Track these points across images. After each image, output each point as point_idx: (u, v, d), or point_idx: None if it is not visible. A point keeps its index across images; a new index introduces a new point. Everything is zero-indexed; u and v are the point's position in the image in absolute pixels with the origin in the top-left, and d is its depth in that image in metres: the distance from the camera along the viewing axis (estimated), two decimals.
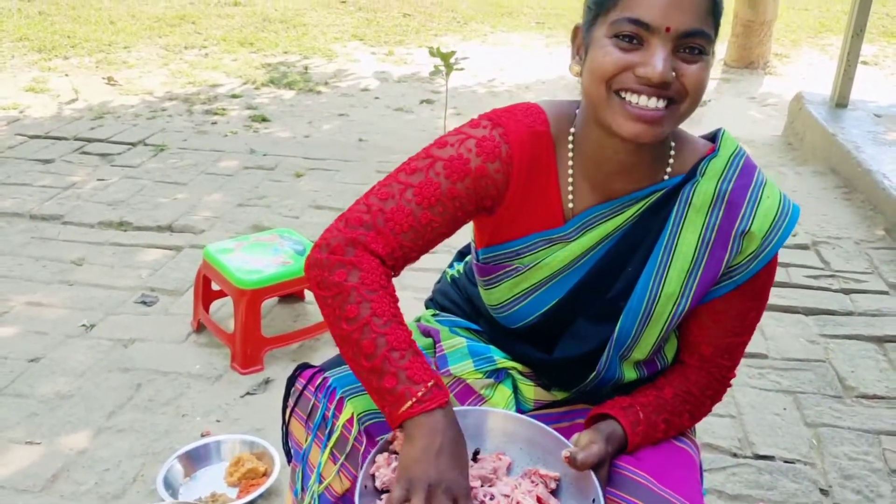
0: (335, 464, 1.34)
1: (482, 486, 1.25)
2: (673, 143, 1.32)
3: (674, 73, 1.16)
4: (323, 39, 8.04)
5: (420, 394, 1.18)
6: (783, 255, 3.48)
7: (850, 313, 3.07)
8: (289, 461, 1.48)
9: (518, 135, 1.30)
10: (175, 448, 2.18)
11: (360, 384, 1.38)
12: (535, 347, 1.42)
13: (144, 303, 3.03)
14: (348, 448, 1.34)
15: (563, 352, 1.39)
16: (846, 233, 3.74)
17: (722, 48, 7.65)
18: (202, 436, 2.25)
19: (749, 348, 2.72)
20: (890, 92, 6.34)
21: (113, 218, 3.76)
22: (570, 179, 1.32)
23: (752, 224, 1.27)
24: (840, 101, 5.03)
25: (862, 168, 4.16)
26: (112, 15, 8.52)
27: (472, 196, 1.29)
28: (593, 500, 1.20)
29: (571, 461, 1.22)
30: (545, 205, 1.32)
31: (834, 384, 2.64)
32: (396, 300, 1.26)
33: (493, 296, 1.40)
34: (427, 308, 1.63)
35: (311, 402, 1.39)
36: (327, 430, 1.35)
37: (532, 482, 1.26)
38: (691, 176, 1.30)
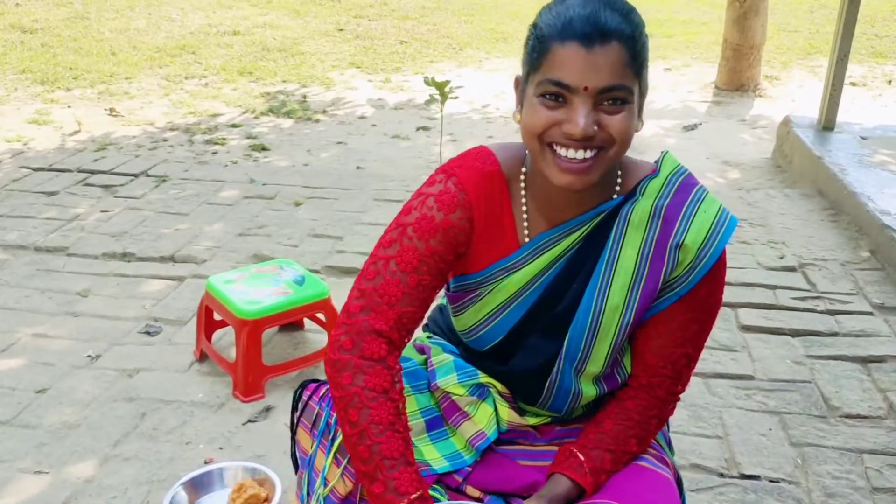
0: (339, 467, 1.45)
1: None
2: (619, 171, 1.43)
3: (597, 126, 1.27)
4: (321, 67, 8.17)
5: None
6: (771, 278, 3.57)
7: (835, 334, 3.15)
8: (296, 471, 1.58)
9: (470, 180, 1.41)
10: (179, 475, 2.26)
11: None
12: (496, 361, 1.52)
13: (148, 333, 3.11)
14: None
15: (519, 364, 1.49)
16: (832, 254, 3.83)
17: (712, 71, 7.78)
18: (205, 463, 2.32)
19: (736, 370, 2.87)
20: (877, 113, 6.46)
21: (117, 249, 3.85)
22: (524, 210, 1.43)
23: (685, 237, 1.36)
24: (826, 125, 5.14)
25: (847, 190, 4.26)
26: (113, 46, 8.65)
27: (448, 247, 1.41)
28: None
29: None
30: (502, 236, 1.44)
31: (819, 404, 2.71)
32: (397, 403, 1.36)
33: (461, 321, 1.52)
34: (424, 332, 1.73)
35: (316, 411, 1.52)
36: (331, 436, 1.46)
37: None
38: (631, 195, 1.41)
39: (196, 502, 2.18)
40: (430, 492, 1.44)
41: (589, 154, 1.28)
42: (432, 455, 1.50)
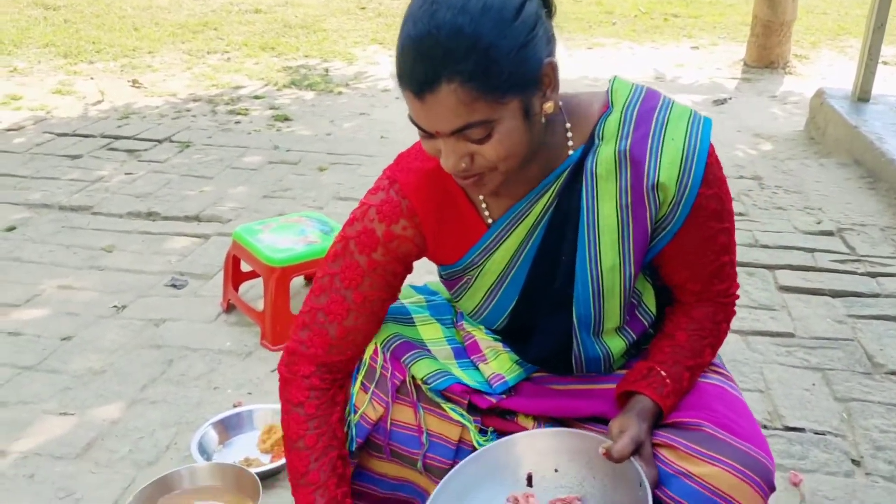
0: (366, 393, 1.39)
1: None
2: (568, 123, 1.28)
3: (470, 159, 1.16)
4: (343, 43, 8.11)
5: None
6: (808, 242, 3.48)
7: (876, 295, 3.05)
8: None
9: (411, 184, 1.32)
10: (207, 418, 2.20)
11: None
12: (516, 346, 1.46)
13: (174, 286, 3.07)
14: (377, 376, 1.40)
15: (535, 351, 1.42)
16: (871, 220, 3.73)
17: (740, 50, 7.65)
18: (234, 406, 2.27)
19: (776, 327, 2.78)
20: None
21: (141, 209, 3.81)
22: (481, 196, 1.33)
23: (658, 175, 1.24)
24: (861, 96, 5.01)
25: (885, 158, 4.15)
26: (136, 22, 8.63)
27: (392, 259, 1.34)
28: (640, 484, 1.20)
29: (608, 455, 1.22)
30: (466, 225, 1.35)
31: (863, 361, 2.62)
32: (314, 418, 1.38)
33: (462, 306, 1.45)
34: None
35: None
36: (356, 364, 1.40)
37: None
38: (591, 143, 1.27)
39: (225, 443, 2.14)
40: (457, 417, 1.38)
41: (475, 178, 1.20)
42: (463, 376, 1.43)
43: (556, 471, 1.32)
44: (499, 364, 1.45)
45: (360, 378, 1.40)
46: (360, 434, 1.40)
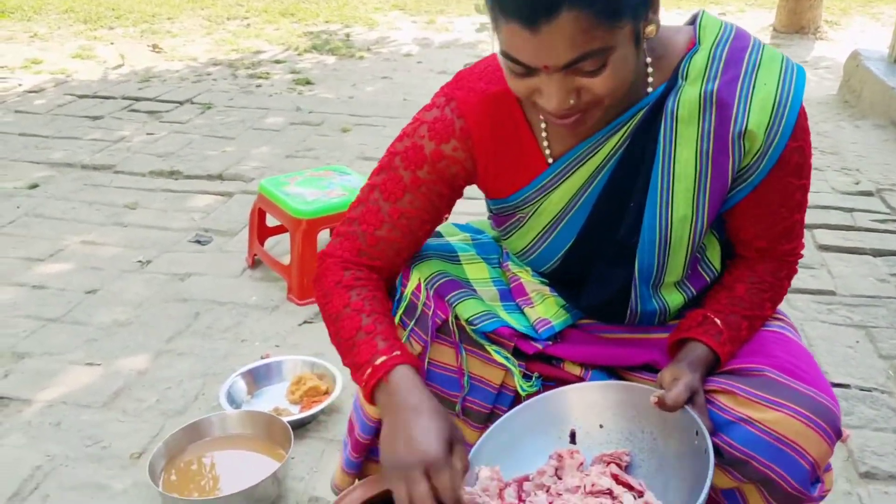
0: (405, 329, 1.32)
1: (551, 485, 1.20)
2: (648, 58, 1.18)
3: (577, 93, 1.07)
4: (364, 9, 8.01)
5: (365, 376, 1.21)
6: (847, 202, 3.38)
7: None
8: None
9: (470, 105, 1.22)
10: (235, 370, 2.16)
11: (423, 253, 1.37)
12: (566, 292, 1.37)
13: (199, 242, 3.02)
14: (418, 313, 1.32)
15: (588, 299, 1.34)
16: None
17: (769, 16, 7.48)
18: (262, 358, 2.22)
19: (816, 285, 2.70)
20: None
21: (163, 167, 3.76)
22: (543, 126, 1.23)
23: (747, 122, 1.14)
24: None
25: None
26: None
27: (438, 180, 1.26)
28: (696, 433, 1.13)
29: (662, 405, 1.14)
30: (525, 158, 1.25)
31: None
32: (354, 287, 1.28)
33: (510, 245, 1.37)
34: None
35: None
36: (396, 298, 1.34)
37: (604, 462, 1.21)
38: (673, 83, 1.17)
39: (254, 394, 2.09)
40: (501, 360, 1.31)
41: (576, 116, 1.10)
42: (509, 319, 1.36)
43: (600, 426, 1.25)
44: (545, 308, 1.37)
45: (399, 313, 1.33)
46: None
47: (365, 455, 1.45)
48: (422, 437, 1.12)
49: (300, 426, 1.95)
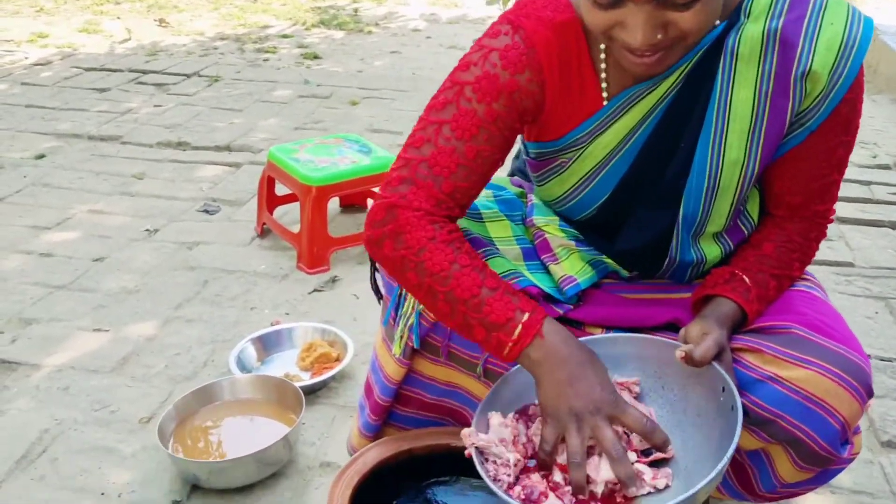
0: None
1: None
2: None
3: (664, 29, 1.02)
4: None
5: (514, 336, 1.12)
6: (864, 175, 3.33)
7: None
8: (378, 300, 1.42)
9: (540, 34, 1.15)
10: (245, 336, 2.13)
11: None
12: (601, 238, 1.32)
13: (207, 211, 2.99)
14: None
15: (624, 243, 1.28)
16: None
17: None
18: (272, 325, 2.19)
19: (834, 256, 2.65)
20: None
21: (171, 138, 3.72)
22: (603, 65, 1.18)
23: (812, 62, 1.09)
24: None
25: None
26: None
27: (513, 112, 1.17)
28: (723, 389, 1.09)
29: (689, 360, 1.10)
30: (582, 96, 1.19)
31: None
32: (452, 241, 1.15)
33: (546, 191, 1.31)
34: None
35: None
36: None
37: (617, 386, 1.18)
38: (734, 19, 1.12)
39: (264, 360, 2.06)
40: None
41: (658, 55, 1.06)
42: (534, 280, 1.32)
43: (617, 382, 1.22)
44: (570, 264, 1.32)
45: None
46: (419, 333, 1.30)
47: (384, 418, 1.42)
48: (601, 386, 1.11)
49: (311, 392, 1.92)
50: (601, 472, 1.07)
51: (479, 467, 1.08)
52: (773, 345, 1.16)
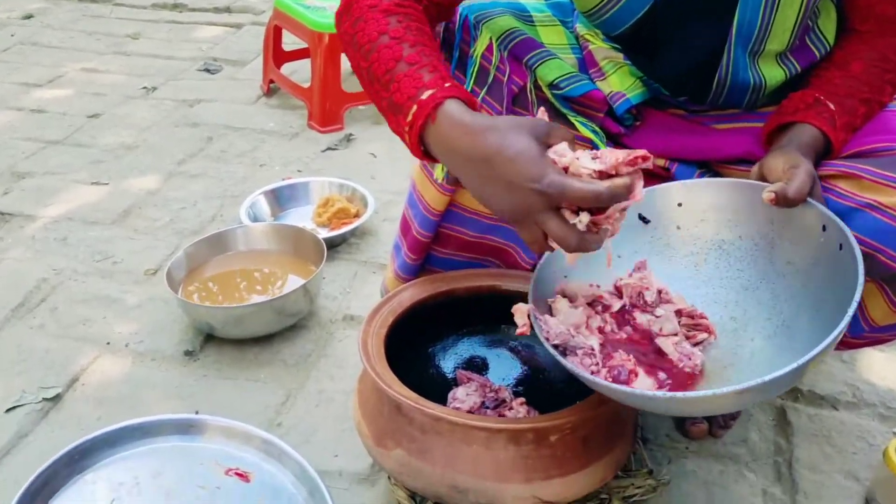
0: (476, 98, 1.09)
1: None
2: None
3: None
4: None
5: (408, 118, 0.86)
6: None
7: None
8: None
9: None
10: (256, 191, 1.97)
11: (491, 11, 1.12)
12: (640, 60, 1.12)
13: (208, 70, 2.78)
14: (490, 80, 1.09)
15: (667, 67, 1.10)
16: None
17: None
18: (283, 181, 2.03)
19: None
20: None
21: (166, 0, 3.47)
22: None
23: None
24: None
25: None
26: None
27: None
28: (823, 228, 0.92)
29: (781, 200, 0.92)
30: None
31: None
32: (394, 14, 0.95)
33: (580, 1, 1.09)
34: None
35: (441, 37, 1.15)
36: (453, 58, 1.11)
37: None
38: None
39: (278, 215, 1.91)
40: (588, 133, 1.10)
41: None
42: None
43: (678, 227, 1.05)
44: (619, 79, 1.14)
45: (470, 81, 1.12)
46: None
47: (423, 258, 1.27)
48: (519, 177, 0.80)
49: (330, 248, 1.77)
50: (467, 400, 1.03)
51: (563, 361, 0.91)
52: (872, 168, 0.99)
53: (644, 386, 0.92)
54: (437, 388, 1.12)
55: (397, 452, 1.01)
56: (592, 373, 0.91)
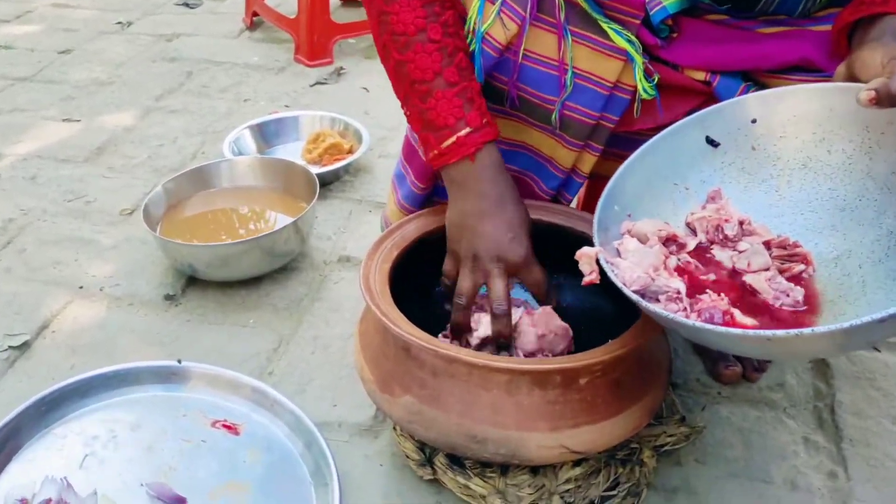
0: (494, 4, 0.96)
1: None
2: None
3: None
4: None
5: (443, 145, 0.95)
6: None
7: None
8: None
9: None
10: (241, 125, 1.83)
11: None
12: None
13: (187, 4, 2.61)
14: None
15: None
16: None
17: None
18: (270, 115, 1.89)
19: None
20: None
21: None
22: None
23: None
24: None
25: None
26: None
27: None
28: None
29: (883, 97, 0.75)
30: None
31: None
32: (430, 3, 0.94)
33: None
34: None
35: None
36: None
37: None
38: None
39: (265, 151, 1.77)
40: (622, 43, 0.96)
41: None
42: None
43: (752, 148, 0.92)
44: None
45: None
46: (484, 64, 1.00)
47: (432, 186, 1.14)
48: (512, 234, 0.94)
49: (322, 185, 1.64)
50: (481, 327, 0.95)
51: (655, 310, 0.77)
52: None
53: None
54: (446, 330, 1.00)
55: (406, 399, 0.89)
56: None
